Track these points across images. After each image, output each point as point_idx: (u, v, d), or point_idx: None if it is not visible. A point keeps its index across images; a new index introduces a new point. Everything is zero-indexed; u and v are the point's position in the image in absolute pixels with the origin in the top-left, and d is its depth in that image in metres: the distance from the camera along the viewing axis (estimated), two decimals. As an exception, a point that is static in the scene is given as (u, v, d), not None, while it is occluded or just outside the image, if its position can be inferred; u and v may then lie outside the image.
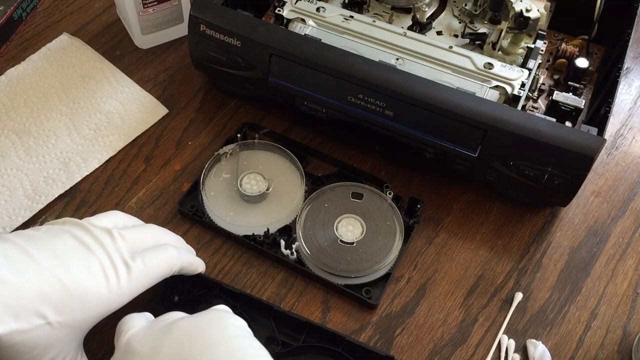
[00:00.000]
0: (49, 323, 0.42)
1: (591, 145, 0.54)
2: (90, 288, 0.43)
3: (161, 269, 0.48)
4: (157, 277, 0.48)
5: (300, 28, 0.63)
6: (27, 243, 0.43)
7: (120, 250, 0.46)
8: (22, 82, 0.69)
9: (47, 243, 0.44)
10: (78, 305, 0.43)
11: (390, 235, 0.58)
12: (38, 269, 0.42)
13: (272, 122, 0.67)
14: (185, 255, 0.52)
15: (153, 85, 0.70)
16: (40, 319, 0.41)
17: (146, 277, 0.47)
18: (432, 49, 0.62)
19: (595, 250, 0.60)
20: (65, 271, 0.43)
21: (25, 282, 0.41)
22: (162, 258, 0.49)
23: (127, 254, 0.46)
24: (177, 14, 0.72)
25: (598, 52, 0.69)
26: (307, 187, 0.61)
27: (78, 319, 0.43)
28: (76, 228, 0.46)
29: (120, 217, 0.52)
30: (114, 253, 0.46)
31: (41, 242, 0.44)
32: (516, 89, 0.59)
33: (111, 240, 0.46)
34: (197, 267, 0.53)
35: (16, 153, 0.64)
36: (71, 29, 0.74)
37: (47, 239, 0.45)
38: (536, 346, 0.54)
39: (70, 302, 0.43)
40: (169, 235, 0.53)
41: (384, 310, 0.56)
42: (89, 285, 0.43)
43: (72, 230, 0.46)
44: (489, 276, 0.58)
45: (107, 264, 0.45)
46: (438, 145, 0.58)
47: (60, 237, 0.45)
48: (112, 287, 0.45)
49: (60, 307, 0.42)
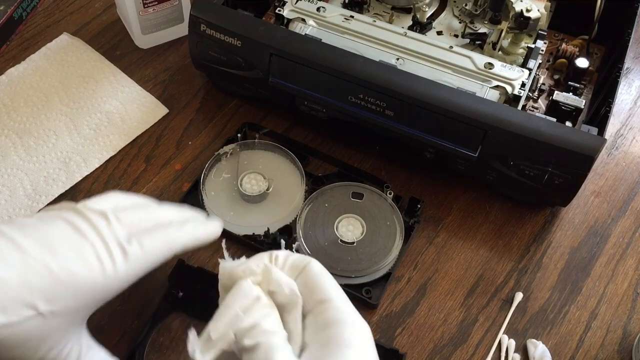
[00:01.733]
0: (41, 313, 0.40)
1: (591, 145, 0.54)
2: (83, 274, 0.42)
3: (161, 250, 0.46)
4: (157, 260, 0.46)
5: (300, 28, 0.63)
6: (16, 231, 0.42)
7: (116, 233, 0.44)
8: (22, 81, 0.69)
9: (37, 230, 0.43)
10: (70, 293, 0.41)
11: (391, 235, 0.58)
12: (24, 258, 0.40)
13: (272, 122, 0.67)
14: (189, 233, 0.49)
15: (153, 85, 0.70)
16: (30, 310, 0.40)
17: (145, 260, 0.45)
18: (432, 49, 0.62)
19: (596, 250, 0.60)
20: (55, 259, 0.41)
21: (10, 273, 0.39)
22: (161, 239, 0.46)
23: (124, 237, 0.44)
24: (177, 13, 0.72)
25: (598, 52, 0.69)
26: (307, 187, 0.61)
27: (72, 307, 0.42)
28: (70, 212, 0.44)
29: (119, 198, 0.49)
30: (108, 237, 0.44)
31: (31, 230, 0.43)
32: (516, 89, 0.59)
33: (106, 223, 0.44)
34: (206, 237, 0.50)
35: (16, 153, 0.64)
36: (71, 29, 0.74)
37: (38, 225, 0.43)
38: (536, 346, 0.54)
39: (61, 291, 0.41)
40: (171, 211, 0.50)
41: (384, 310, 0.56)
42: (81, 271, 0.42)
43: (66, 214, 0.44)
44: (489, 276, 0.58)
45: (101, 248, 0.43)
46: (438, 145, 0.58)
47: (52, 223, 0.43)
48: (108, 272, 0.43)
49: (50, 296, 0.41)
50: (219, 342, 0.39)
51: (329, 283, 0.42)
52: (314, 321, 0.41)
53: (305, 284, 0.42)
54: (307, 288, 0.42)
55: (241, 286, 0.41)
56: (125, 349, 0.52)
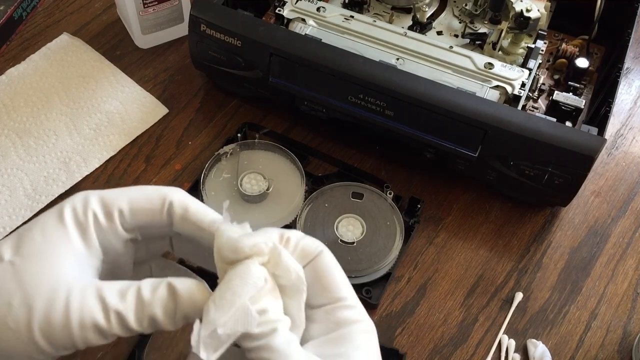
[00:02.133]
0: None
1: (591, 145, 0.54)
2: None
3: None
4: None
5: (300, 28, 0.63)
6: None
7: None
8: (22, 81, 0.69)
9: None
10: None
11: (391, 235, 0.58)
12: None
13: (272, 122, 0.67)
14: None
15: (153, 85, 0.70)
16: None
17: None
18: (432, 48, 0.62)
19: (596, 250, 0.60)
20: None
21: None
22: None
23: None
24: (177, 13, 0.72)
25: (598, 52, 0.69)
26: (307, 187, 0.61)
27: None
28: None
29: None
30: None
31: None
32: (516, 89, 0.59)
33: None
34: None
35: (16, 153, 0.64)
36: (71, 29, 0.74)
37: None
38: (536, 346, 0.54)
39: None
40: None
41: (384, 310, 0.56)
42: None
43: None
44: (489, 276, 0.58)
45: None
46: (438, 145, 0.58)
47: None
48: None
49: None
50: (227, 339, 0.35)
51: (341, 277, 0.40)
52: (325, 317, 0.39)
53: (315, 274, 0.39)
54: (317, 280, 0.39)
55: (250, 271, 0.36)
56: (125, 349, 0.52)
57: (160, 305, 0.35)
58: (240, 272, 0.37)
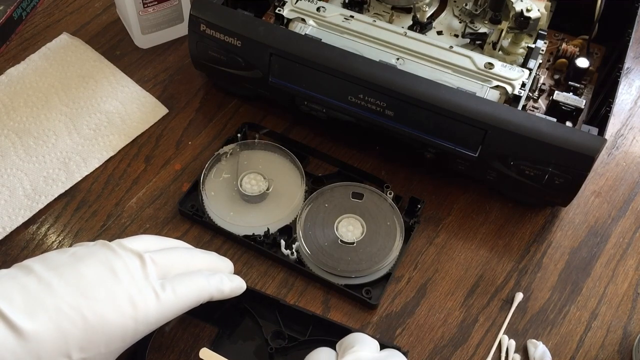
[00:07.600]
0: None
1: (592, 145, 0.54)
2: (115, 320, 0.42)
3: (190, 299, 0.46)
4: (185, 307, 0.46)
5: (300, 28, 0.63)
6: (50, 273, 0.42)
7: (149, 277, 0.44)
8: (22, 81, 0.69)
9: (72, 271, 0.43)
10: (103, 340, 0.42)
11: (391, 235, 0.58)
12: (59, 304, 0.40)
13: (272, 122, 0.67)
14: (216, 286, 0.49)
15: (153, 85, 0.70)
16: (64, 359, 0.40)
17: (175, 307, 0.45)
18: (432, 48, 0.62)
19: (596, 251, 0.60)
20: (89, 304, 0.41)
21: (45, 327, 0.39)
22: (193, 287, 0.47)
23: (157, 282, 0.45)
24: (177, 13, 0.72)
25: (598, 52, 0.69)
26: (307, 187, 0.61)
27: (102, 353, 0.42)
28: (105, 251, 0.45)
29: (153, 240, 0.50)
30: (142, 281, 0.44)
31: (66, 270, 0.42)
32: (517, 89, 0.59)
33: (141, 265, 0.45)
34: (230, 292, 0.50)
35: (16, 153, 0.64)
36: (71, 29, 0.74)
37: (73, 264, 0.43)
38: (537, 346, 0.54)
39: (95, 339, 0.41)
40: (200, 257, 0.51)
41: (384, 310, 0.56)
42: (114, 317, 0.42)
43: (101, 254, 0.44)
44: (490, 276, 0.58)
45: (135, 293, 0.43)
46: (438, 145, 0.58)
47: (86, 262, 0.43)
48: (139, 317, 0.43)
49: (84, 344, 0.41)
50: None
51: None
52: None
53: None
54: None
55: None
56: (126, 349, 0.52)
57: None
58: None
